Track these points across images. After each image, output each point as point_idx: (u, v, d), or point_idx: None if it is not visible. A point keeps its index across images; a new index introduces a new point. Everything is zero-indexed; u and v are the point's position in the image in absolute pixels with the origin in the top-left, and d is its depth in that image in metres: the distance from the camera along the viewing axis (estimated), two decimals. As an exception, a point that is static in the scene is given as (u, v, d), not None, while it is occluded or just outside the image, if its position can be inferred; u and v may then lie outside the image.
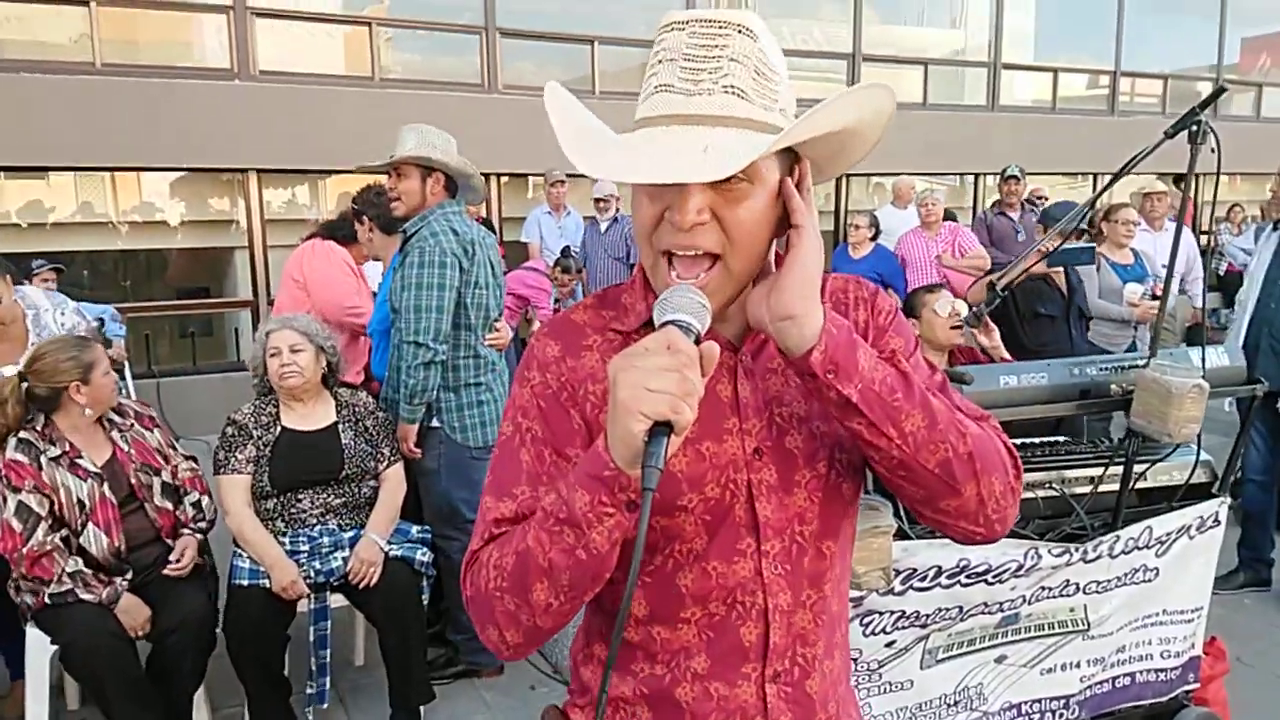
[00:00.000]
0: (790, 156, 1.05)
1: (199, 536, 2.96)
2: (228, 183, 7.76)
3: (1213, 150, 2.23)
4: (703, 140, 0.96)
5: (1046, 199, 8.13)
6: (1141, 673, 2.60)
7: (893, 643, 2.27)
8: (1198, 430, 2.29)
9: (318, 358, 3.05)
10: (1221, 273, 8.06)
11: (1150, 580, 2.50)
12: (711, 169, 0.92)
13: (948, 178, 11.16)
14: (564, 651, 3.40)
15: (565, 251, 6.74)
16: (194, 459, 3.10)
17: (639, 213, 1.04)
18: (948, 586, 2.26)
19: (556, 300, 6.84)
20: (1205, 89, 12.89)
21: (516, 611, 1.00)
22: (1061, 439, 2.81)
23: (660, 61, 1.02)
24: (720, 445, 1.08)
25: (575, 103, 1.11)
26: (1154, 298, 5.60)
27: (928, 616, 2.26)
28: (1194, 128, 2.26)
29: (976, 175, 11.03)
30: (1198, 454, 2.47)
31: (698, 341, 0.93)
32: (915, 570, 2.22)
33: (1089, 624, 2.46)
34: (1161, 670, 2.63)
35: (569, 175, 7.33)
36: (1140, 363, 2.42)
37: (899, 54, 10.60)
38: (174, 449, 3.04)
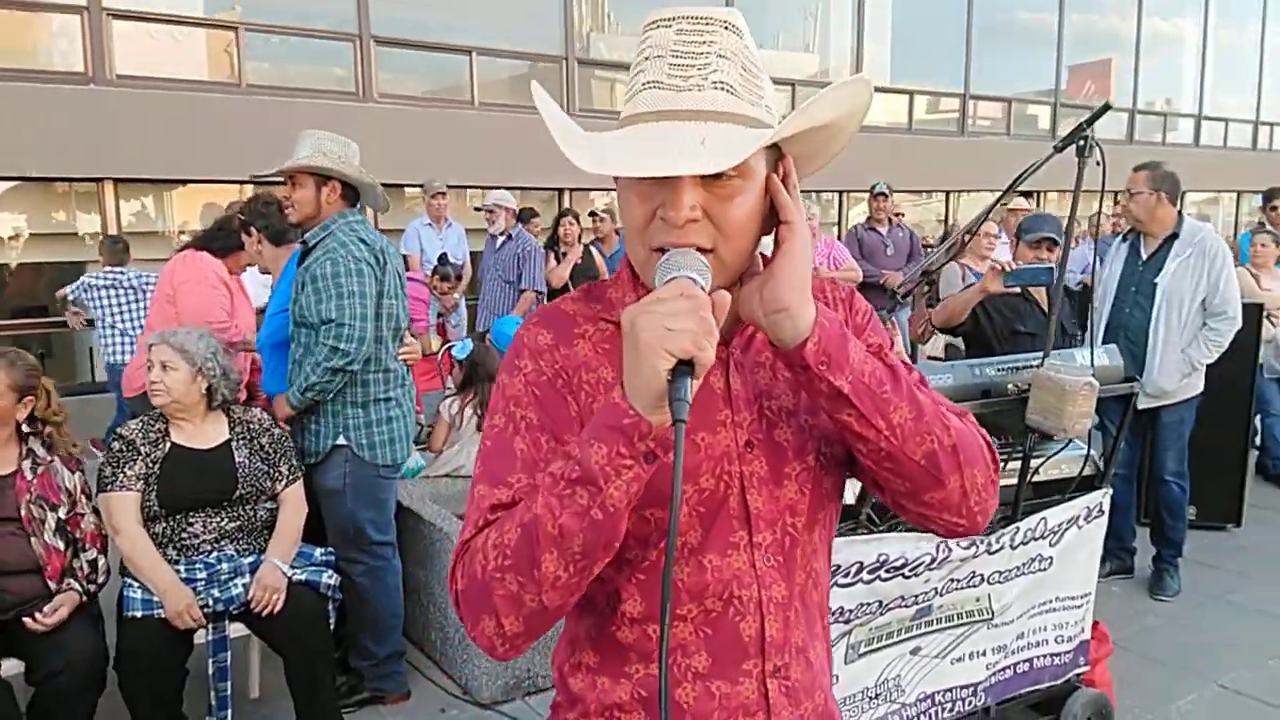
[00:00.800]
0: (775, 153, 1.06)
1: (82, 597, 2.71)
2: (76, 194, 7.25)
3: (1098, 164, 2.40)
4: (698, 134, 0.96)
5: (903, 214, 8.56)
6: (1039, 658, 2.75)
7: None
8: (1089, 425, 2.46)
9: (194, 378, 2.88)
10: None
11: (1045, 569, 2.66)
12: (712, 161, 0.94)
13: (820, 194, 11.59)
14: (474, 671, 3.33)
15: (443, 259, 6.62)
16: (100, 516, 2.88)
17: (630, 212, 1.04)
18: (869, 582, 2.34)
19: (440, 314, 6.71)
20: (1041, 112, 13.91)
21: (520, 592, 0.96)
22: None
23: (647, 59, 1.02)
24: (714, 436, 1.08)
25: (555, 104, 1.10)
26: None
27: (851, 612, 2.34)
28: (1081, 143, 2.43)
29: (842, 192, 11.50)
30: (1089, 448, 2.66)
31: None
32: (840, 567, 2.29)
33: (993, 613, 2.60)
34: (1056, 654, 2.80)
35: (450, 185, 7.23)
36: (1034, 363, 2.58)
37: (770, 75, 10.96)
38: (87, 498, 2.82)
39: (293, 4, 7.69)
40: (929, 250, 7.55)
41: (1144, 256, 4.07)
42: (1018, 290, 3.67)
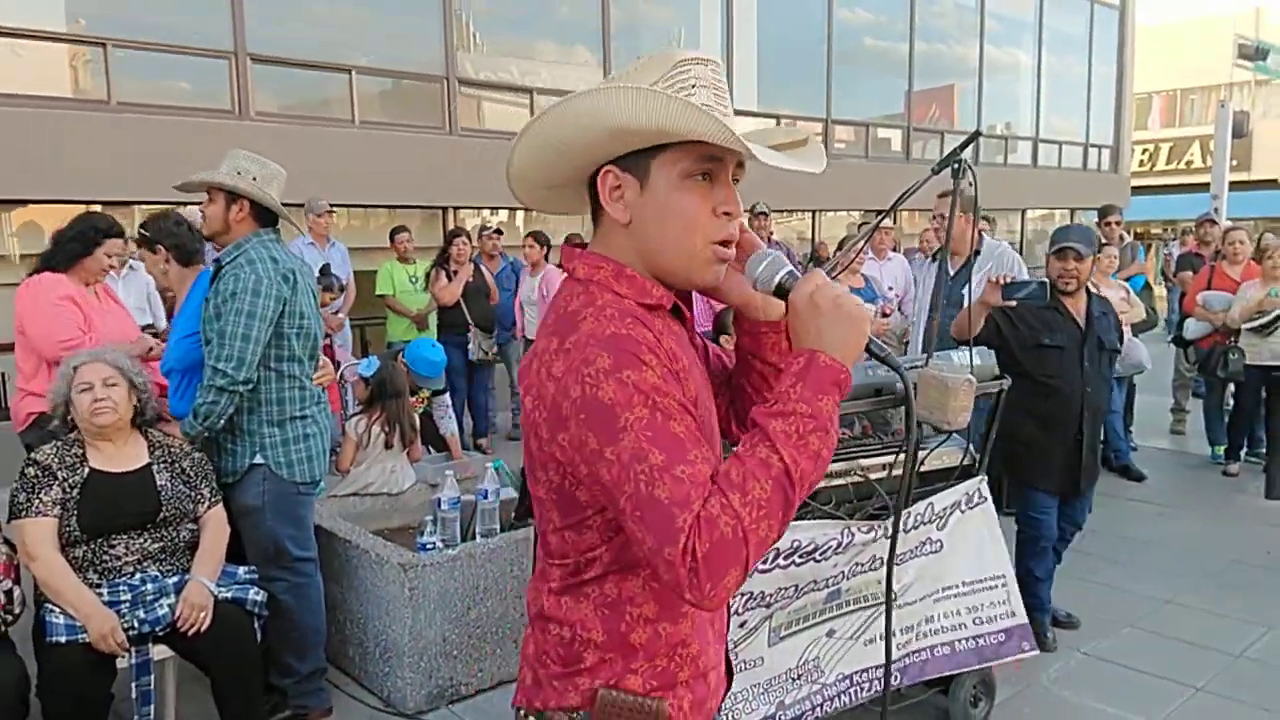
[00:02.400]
0: None
1: (1, 628, 2.66)
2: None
3: (970, 184, 2.72)
4: (807, 146, 1.33)
5: (773, 232, 8.98)
6: (960, 641, 2.99)
7: (744, 623, 2.54)
8: (969, 418, 2.77)
9: (130, 395, 2.87)
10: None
11: (937, 551, 2.95)
12: (820, 164, 1.30)
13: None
14: (396, 683, 3.39)
15: (325, 270, 6.59)
16: (12, 547, 2.80)
17: (688, 211, 1.23)
18: (785, 567, 2.56)
19: (327, 335, 6.66)
20: (893, 135, 14.80)
21: (769, 535, 1.10)
22: (855, 433, 3.24)
23: (694, 86, 1.21)
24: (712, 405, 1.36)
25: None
26: (884, 315, 6.45)
27: (771, 596, 2.55)
28: (956, 166, 2.74)
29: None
30: (969, 439, 2.97)
31: None
32: (759, 554, 2.51)
33: (895, 594, 2.87)
34: (979, 636, 3.02)
35: (331, 205, 7.17)
36: (920, 363, 2.88)
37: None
38: None
39: (164, 20, 7.46)
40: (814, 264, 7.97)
41: (951, 273, 4.32)
42: (1020, 301, 3.69)
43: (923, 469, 2.96)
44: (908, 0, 14.44)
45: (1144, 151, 29.66)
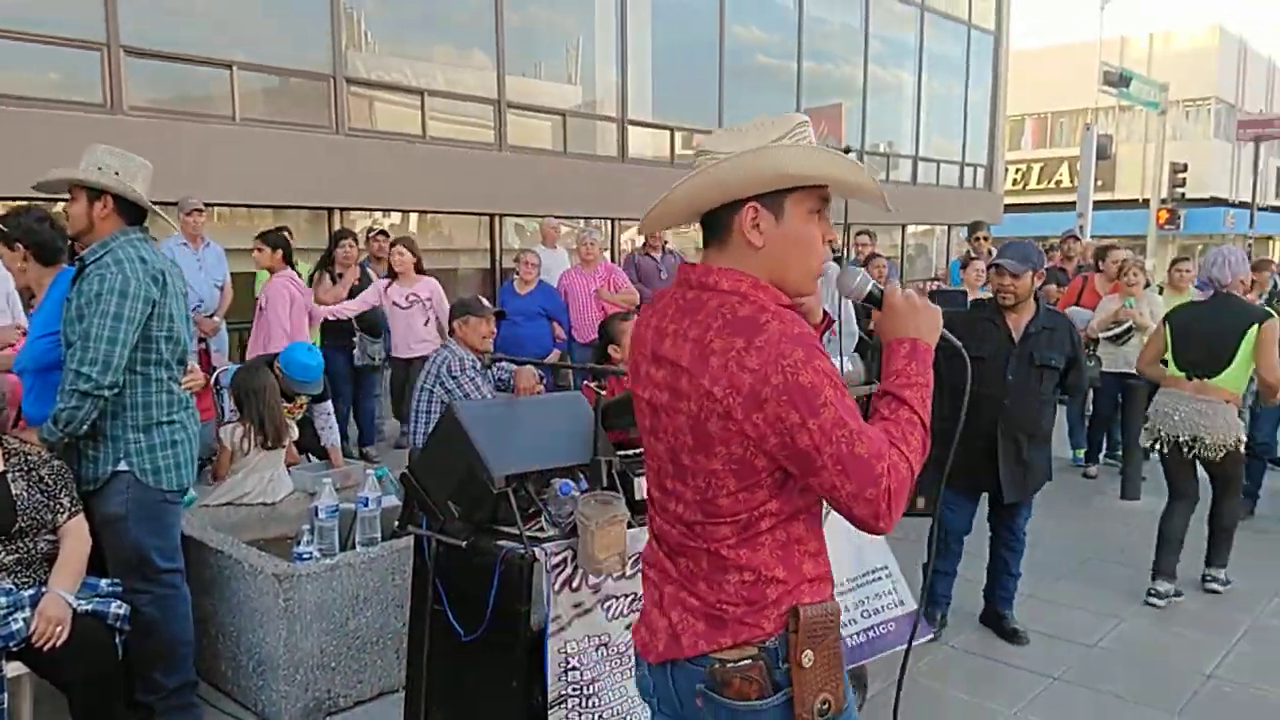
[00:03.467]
0: None
1: None
2: None
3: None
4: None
5: (668, 242, 9.12)
6: (850, 637, 3.04)
7: (631, 625, 2.55)
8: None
9: (-20, 400, 2.71)
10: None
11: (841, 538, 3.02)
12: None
13: (591, 221, 12.02)
14: (271, 696, 3.28)
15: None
16: None
17: (813, 238, 1.60)
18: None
19: (201, 339, 6.40)
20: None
21: (919, 470, 1.52)
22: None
23: (808, 142, 1.57)
24: None
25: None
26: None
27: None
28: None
29: (613, 220, 12.01)
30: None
31: None
32: (639, 555, 2.53)
33: None
34: (870, 629, 3.09)
35: (207, 204, 6.91)
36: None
37: (537, 103, 11.26)
38: None
39: (32, 8, 7.07)
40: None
41: None
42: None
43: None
44: (796, 20, 14.86)
45: (1017, 171, 31.29)
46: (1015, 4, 20.64)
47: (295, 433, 4.53)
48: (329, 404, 5.38)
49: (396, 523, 3.84)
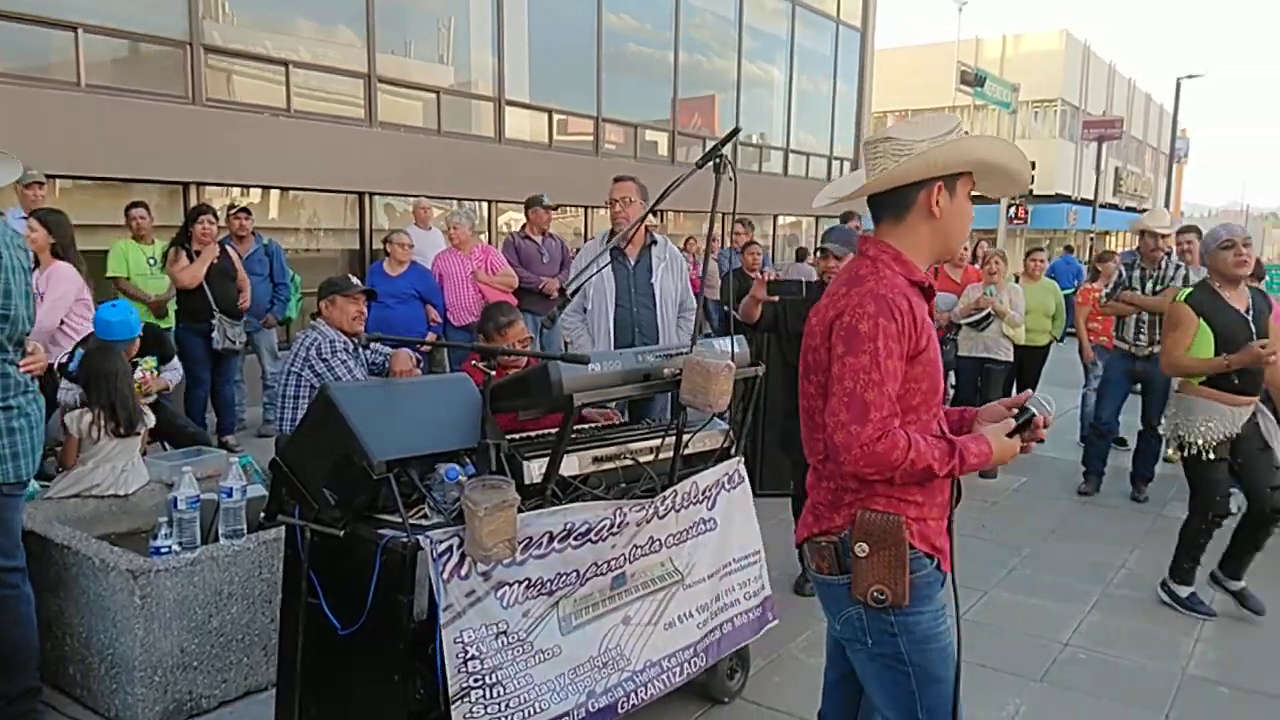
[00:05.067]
0: None
1: None
2: None
3: (730, 179, 2.83)
4: None
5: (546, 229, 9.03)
6: (738, 616, 3.13)
7: (528, 612, 2.49)
8: (729, 401, 2.88)
9: None
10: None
11: (712, 530, 3.05)
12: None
13: (464, 203, 11.76)
14: (126, 700, 3.07)
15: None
16: None
17: (970, 213, 1.99)
18: (561, 550, 2.55)
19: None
20: (660, 138, 15.28)
21: (911, 475, 1.83)
22: (624, 421, 3.29)
23: (950, 133, 1.93)
24: None
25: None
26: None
27: (551, 583, 2.53)
28: (717, 160, 2.83)
29: (490, 201, 11.78)
30: (733, 421, 3.08)
31: None
32: (531, 539, 2.48)
33: (681, 574, 2.93)
34: (748, 611, 3.18)
35: (49, 175, 6.38)
36: (684, 350, 2.96)
37: (409, 80, 10.91)
38: None
39: None
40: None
41: (633, 263, 4.60)
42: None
43: (687, 452, 3.04)
44: (672, 11, 14.93)
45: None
46: (881, 3, 21.38)
47: (151, 419, 4.23)
48: (177, 362, 5.21)
49: (263, 513, 3.66)
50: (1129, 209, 36.38)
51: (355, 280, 4.44)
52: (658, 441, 2.98)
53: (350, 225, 10.25)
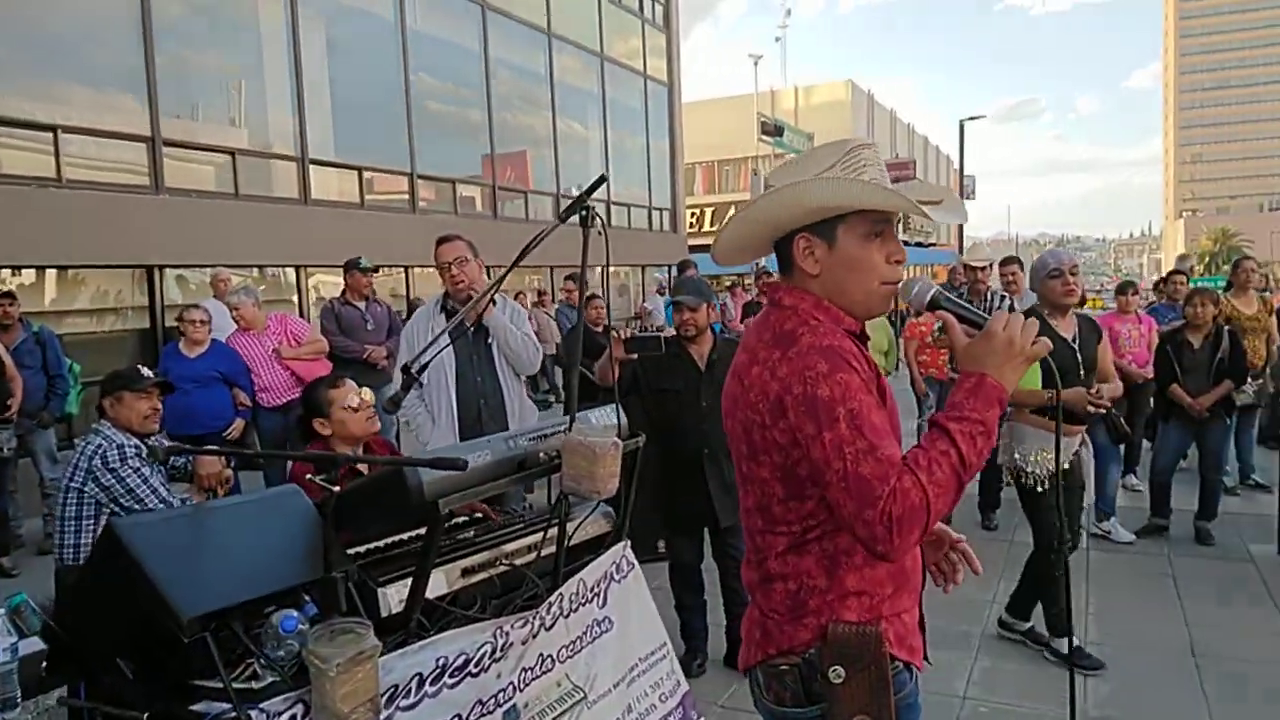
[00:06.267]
0: None
1: None
2: None
3: (600, 233, 2.48)
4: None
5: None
6: None
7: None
8: (617, 485, 2.49)
9: None
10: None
11: (609, 630, 2.62)
12: (964, 216, 1.79)
13: (267, 271, 10.85)
14: None
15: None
16: None
17: (872, 258, 1.63)
18: (435, 694, 2.06)
19: None
20: (476, 193, 14.89)
21: (944, 507, 1.45)
22: (479, 516, 2.84)
23: (864, 165, 1.61)
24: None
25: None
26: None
27: (432, 736, 2.03)
28: (584, 213, 2.48)
29: (298, 266, 10.94)
30: (620, 504, 2.69)
31: None
32: (398, 687, 1.98)
33: (583, 690, 2.48)
34: (669, 715, 2.78)
35: None
36: (559, 429, 2.55)
37: (198, 142, 9.99)
38: None
39: None
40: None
41: (472, 329, 4.10)
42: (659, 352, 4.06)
43: (572, 544, 2.63)
44: (481, 68, 14.66)
45: (692, 214, 33.48)
46: (684, 56, 22.02)
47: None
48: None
49: (44, 669, 2.93)
50: (918, 244, 38.99)
51: (146, 371, 3.73)
52: (537, 537, 2.54)
53: (139, 302, 9.18)
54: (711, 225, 34.09)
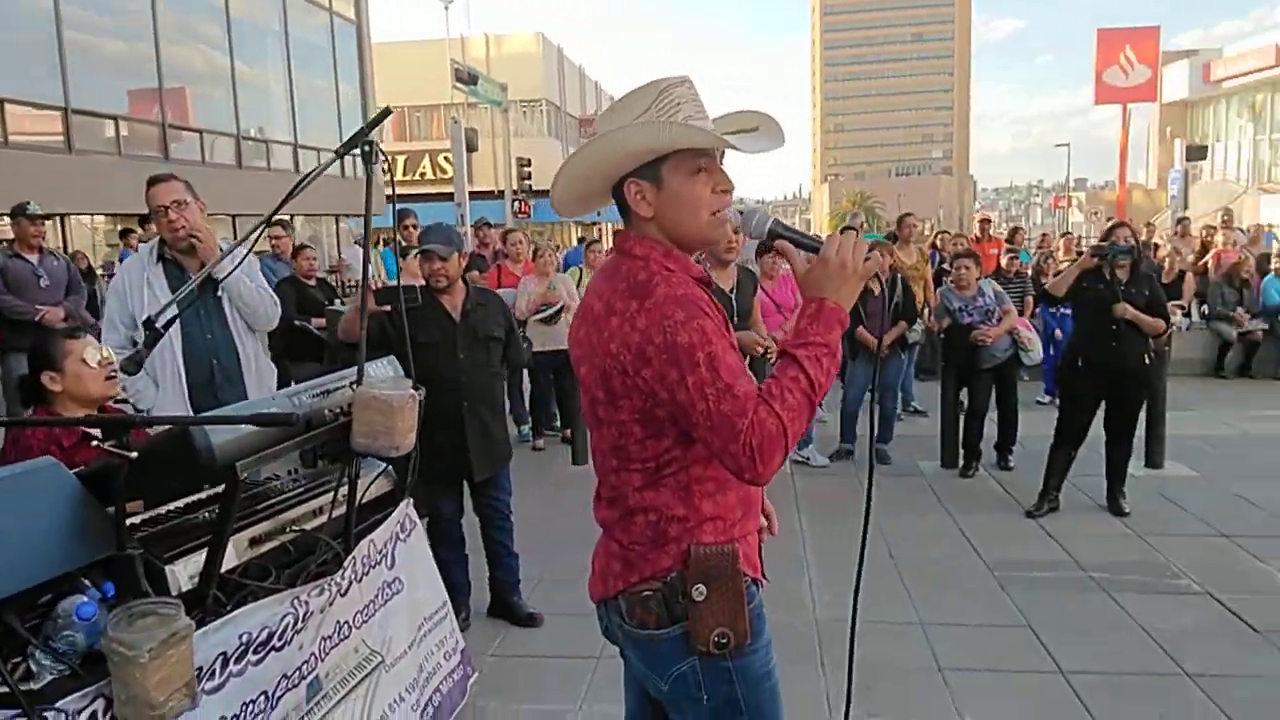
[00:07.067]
0: None
1: None
2: None
3: (386, 169, 2.36)
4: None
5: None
6: (444, 681, 2.66)
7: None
8: (415, 438, 2.42)
9: None
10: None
11: (400, 591, 2.55)
12: (781, 140, 1.80)
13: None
14: None
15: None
16: None
17: (698, 190, 1.69)
18: (240, 673, 1.91)
19: None
20: (150, 132, 13.29)
21: (800, 428, 1.57)
22: (265, 480, 2.62)
23: (679, 104, 1.66)
24: None
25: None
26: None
27: (238, 718, 1.87)
28: (366, 148, 2.34)
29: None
30: (410, 462, 2.58)
31: None
32: (201, 670, 1.81)
33: (380, 654, 2.38)
34: (451, 673, 2.75)
35: None
36: (345, 383, 2.42)
37: None
38: None
39: None
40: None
41: (192, 275, 3.53)
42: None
43: (360, 504, 2.51)
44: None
45: (386, 162, 32.10)
46: (372, -4, 20.89)
47: None
48: None
49: None
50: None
51: None
52: (326, 499, 2.41)
53: None
54: (404, 174, 32.89)
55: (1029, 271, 9.39)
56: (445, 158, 29.97)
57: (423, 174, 32.87)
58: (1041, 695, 3.41)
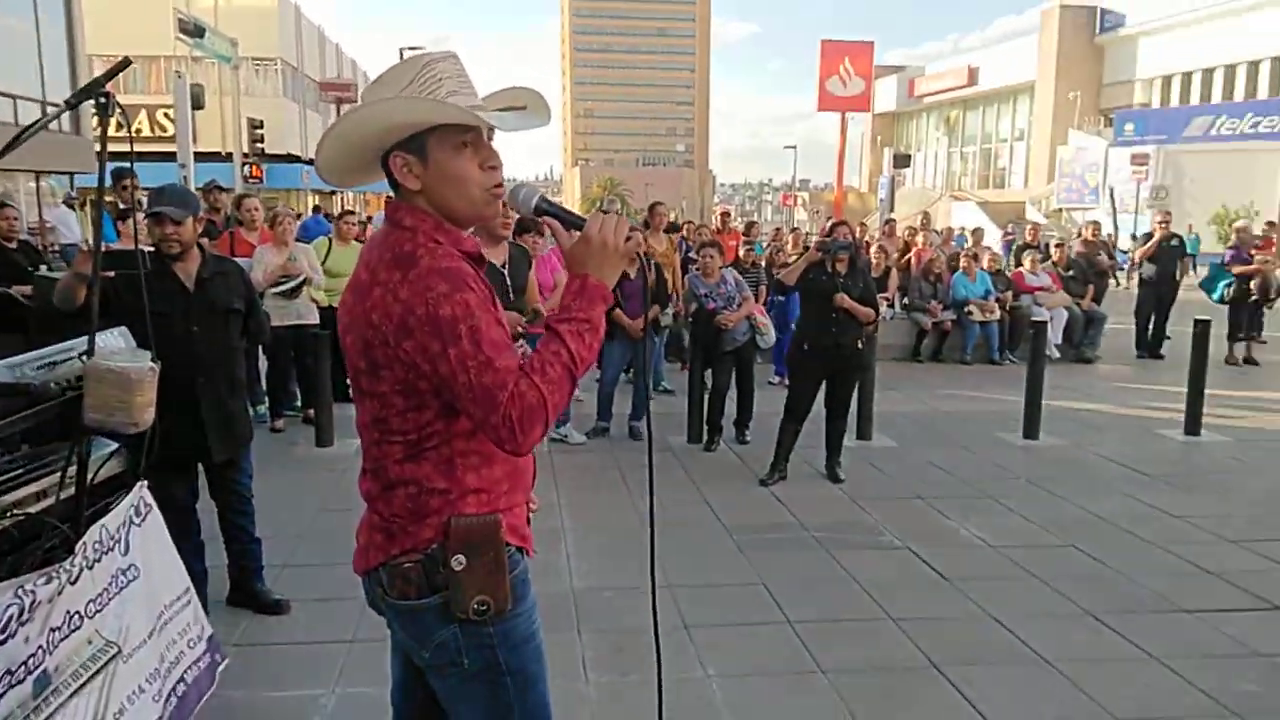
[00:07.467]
0: None
1: None
2: None
3: (120, 125, 2.18)
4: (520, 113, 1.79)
5: None
6: (189, 670, 2.49)
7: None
8: (154, 414, 2.27)
9: None
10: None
11: (136, 579, 2.37)
12: (547, 118, 1.82)
13: None
14: None
15: None
16: None
17: (466, 169, 1.70)
18: (-44, 671, 1.73)
19: None
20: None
21: (561, 401, 1.61)
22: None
23: (440, 80, 1.66)
24: None
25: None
26: None
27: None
28: (102, 100, 2.16)
29: None
30: (150, 440, 2.41)
31: None
32: (-92, 670, 1.63)
33: (116, 644, 2.20)
34: (197, 661, 2.60)
35: None
36: (72, 355, 2.23)
37: None
38: None
39: None
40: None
41: None
42: None
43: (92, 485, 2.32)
44: None
45: (122, 115, 28.73)
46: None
47: None
48: None
49: None
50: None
51: None
52: (52, 479, 2.21)
53: None
54: (117, 131, 29.56)
55: (763, 262, 10.13)
56: (166, 114, 27.33)
57: (139, 130, 29.73)
58: (772, 644, 3.76)
